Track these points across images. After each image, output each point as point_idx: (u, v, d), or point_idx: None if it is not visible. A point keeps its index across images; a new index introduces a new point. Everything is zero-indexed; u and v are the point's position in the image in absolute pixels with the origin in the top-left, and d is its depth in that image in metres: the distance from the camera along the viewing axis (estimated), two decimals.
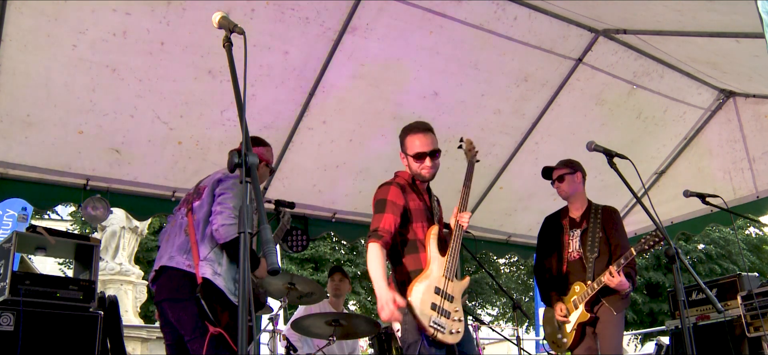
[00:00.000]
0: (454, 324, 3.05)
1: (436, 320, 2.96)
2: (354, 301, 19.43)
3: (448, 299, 3.05)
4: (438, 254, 3.15)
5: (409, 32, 4.55)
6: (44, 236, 4.06)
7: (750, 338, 4.97)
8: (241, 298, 1.69)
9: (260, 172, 3.59)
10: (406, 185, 3.24)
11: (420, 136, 3.34)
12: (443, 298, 3.04)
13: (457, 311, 3.09)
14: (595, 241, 3.91)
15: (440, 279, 3.06)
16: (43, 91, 4.09)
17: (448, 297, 3.05)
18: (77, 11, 3.78)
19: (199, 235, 3.10)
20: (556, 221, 4.20)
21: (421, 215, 3.20)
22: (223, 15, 2.10)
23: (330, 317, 4.27)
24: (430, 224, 3.22)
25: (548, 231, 4.21)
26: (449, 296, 3.06)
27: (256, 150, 3.54)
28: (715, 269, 18.79)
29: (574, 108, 5.57)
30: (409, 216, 3.16)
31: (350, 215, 5.96)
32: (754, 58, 4.48)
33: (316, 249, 18.52)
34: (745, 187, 5.76)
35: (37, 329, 3.67)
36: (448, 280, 3.07)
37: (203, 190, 3.28)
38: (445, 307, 3.03)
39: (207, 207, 3.18)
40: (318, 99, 4.84)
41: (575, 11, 4.64)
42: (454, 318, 3.06)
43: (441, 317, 2.99)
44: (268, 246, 1.70)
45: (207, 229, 3.12)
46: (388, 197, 3.13)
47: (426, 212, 3.25)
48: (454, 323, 3.05)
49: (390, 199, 3.12)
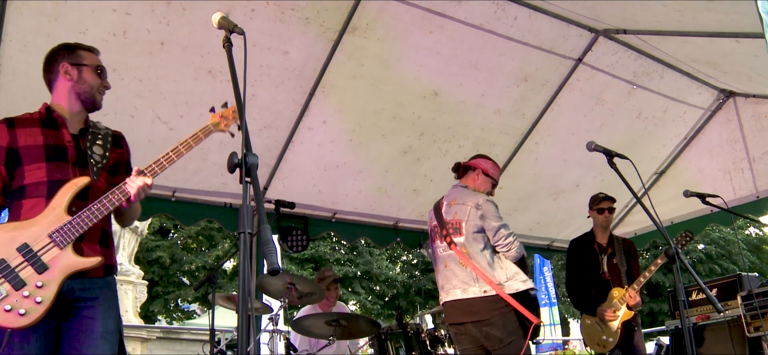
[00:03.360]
0: None
1: None
2: (354, 301, 19.42)
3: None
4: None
5: (409, 32, 4.55)
6: None
7: (750, 338, 4.97)
8: (241, 298, 1.69)
9: (479, 182, 3.96)
10: None
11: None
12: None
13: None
14: (622, 261, 4.66)
15: None
16: (43, 92, 4.07)
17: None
18: (77, 11, 3.78)
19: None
20: (587, 245, 4.81)
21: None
22: (223, 15, 2.10)
23: (330, 317, 4.28)
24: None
25: (580, 253, 4.83)
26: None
27: (480, 163, 3.92)
28: (715, 269, 18.80)
29: (574, 108, 5.57)
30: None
31: (350, 215, 5.96)
32: (754, 58, 4.48)
33: (316, 249, 18.53)
34: (745, 187, 5.76)
35: None
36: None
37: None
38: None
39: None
40: (318, 99, 4.84)
41: (575, 11, 4.64)
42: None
43: None
44: (268, 246, 1.70)
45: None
46: None
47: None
48: None
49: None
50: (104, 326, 2.36)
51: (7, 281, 2.12)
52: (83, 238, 2.32)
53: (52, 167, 2.36)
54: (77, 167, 2.41)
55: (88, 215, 2.27)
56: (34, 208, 2.30)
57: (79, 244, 2.31)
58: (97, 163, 2.47)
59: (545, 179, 6.27)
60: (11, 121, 2.43)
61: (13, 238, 2.18)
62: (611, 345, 4.44)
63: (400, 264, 22.01)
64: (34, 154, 2.37)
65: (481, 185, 3.94)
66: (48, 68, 2.57)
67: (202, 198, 5.21)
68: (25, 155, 2.36)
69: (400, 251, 21.30)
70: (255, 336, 4.46)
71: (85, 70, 2.54)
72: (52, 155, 2.38)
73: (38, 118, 2.47)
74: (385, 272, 19.90)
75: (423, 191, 6.00)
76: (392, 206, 6.06)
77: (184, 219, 5.41)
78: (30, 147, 2.37)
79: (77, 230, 2.25)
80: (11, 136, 2.38)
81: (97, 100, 2.57)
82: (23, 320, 2.11)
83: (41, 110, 2.51)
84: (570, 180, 6.28)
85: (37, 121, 2.46)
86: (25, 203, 2.32)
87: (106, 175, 2.50)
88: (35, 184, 2.34)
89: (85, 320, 2.32)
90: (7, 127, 2.41)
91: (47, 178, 2.34)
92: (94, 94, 2.55)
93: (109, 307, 2.42)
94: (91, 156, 2.47)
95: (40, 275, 2.17)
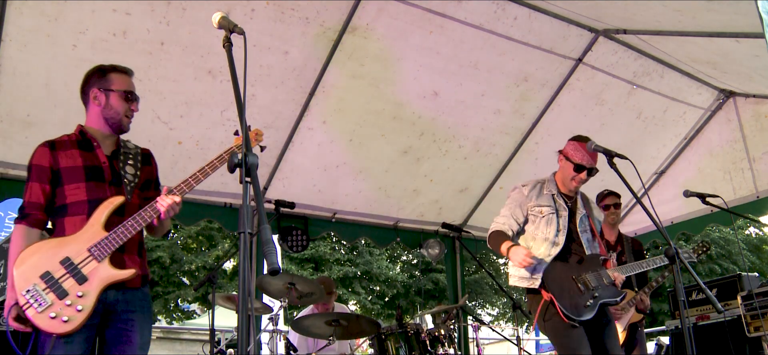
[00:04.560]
0: None
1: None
2: (354, 301, 19.42)
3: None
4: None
5: (409, 32, 4.55)
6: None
7: (750, 338, 4.97)
8: (241, 298, 1.69)
9: (560, 165, 3.66)
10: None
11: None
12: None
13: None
14: (631, 260, 4.55)
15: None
16: (43, 91, 4.10)
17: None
18: (77, 11, 3.79)
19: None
20: None
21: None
22: (223, 15, 2.10)
23: (330, 317, 4.27)
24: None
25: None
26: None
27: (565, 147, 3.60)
28: (715, 269, 18.78)
29: (574, 108, 5.58)
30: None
31: (350, 215, 5.96)
32: (754, 58, 4.48)
33: (316, 249, 18.51)
34: (745, 187, 5.76)
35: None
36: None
37: None
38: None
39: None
40: (318, 99, 4.84)
41: (575, 11, 4.64)
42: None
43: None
44: (268, 246, 1.70)
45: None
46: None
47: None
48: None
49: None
50: (142, 337, 2.57)
51: (52, 291, 2.34)
52: (124, 250, 2.54)
53: (90, 187, 2.56)
54: (113, 186, 2.60)
55: (123, 231, 2.48)
56: (76, 225, 2.50)
57: (120, 255, 2.53)
58: (130, 182, 2.66)
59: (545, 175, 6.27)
60: (52, 144, 2.61)
61: (57, 252, 2.41)
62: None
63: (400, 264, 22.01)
64: (74, 175, 2.56)
65: (561, 170, 3.66)
66: (82, 91, 2.71)
67: (202, 198, 5.21)
68: (65, 176, 2.55)
69: (400, 251, 21.29)
70: (255, 336, 4.46)
71: (112, 95, 2.66)
72: (91, 176, 2.58)
73: (75, 140, 2.65)
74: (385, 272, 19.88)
75: (423, 191, 6.00)
76: (392, 206, 6.06)
77: (184, 219, 5.41)
78: (70, 168, 2.56)
79: (113, 244, 2.46)
80: (53, 157, 2.57)
81: (123, 125, 2.70)
82: (66, 327, 2.33)
83: (76, 132, 2.68)
84: None
85: (74, 143, 2.64)
86: (67, 221, 2.52)
87: (138, 192, 2.68)
88: (76, 203, 2.53)
89: (124, 332, 2.53)
90: (49, 149, 2.59)
91: (87, 197, 2.53)
92: (120, 119, 2.68)
93: (145, 320, 2.62)
94: (124, 176, 2.66)
95: (81, 286, 2.39)
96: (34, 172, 2.55)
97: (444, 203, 6.26)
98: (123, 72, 2.71)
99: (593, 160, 3.50)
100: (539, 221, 3.57)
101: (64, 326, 2.32)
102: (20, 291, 2.33)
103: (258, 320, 5.19)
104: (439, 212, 6.31)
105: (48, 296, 2.33)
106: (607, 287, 3.44)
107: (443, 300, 17.60)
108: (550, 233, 3.50)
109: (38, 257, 2.40)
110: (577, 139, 3.56)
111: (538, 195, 3.64)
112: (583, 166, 3.49)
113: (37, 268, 2.37)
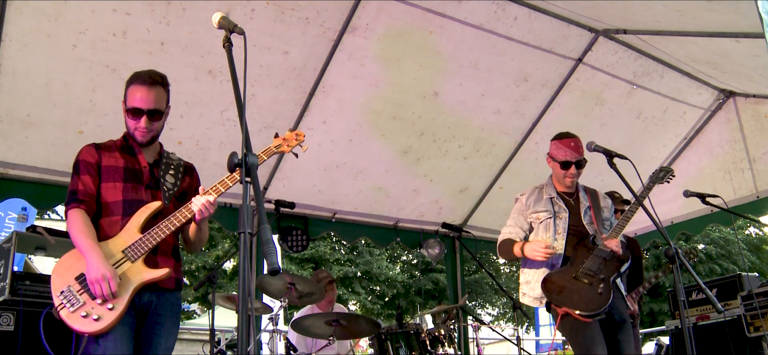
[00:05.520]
0: None
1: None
2: (354, 301, 19.42)
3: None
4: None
5: (409, 32, 4.55)
6: (44, 236, 4.06)
7: (750, 338, 4.97)
8: (241, 298, 1.69)
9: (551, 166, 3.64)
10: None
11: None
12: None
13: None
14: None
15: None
16: (43, 91, 4.09)
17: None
18: (77, 11, 3.78)
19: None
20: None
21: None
22: (223, 15, 2.10)
23: (330, 317, 4.27)
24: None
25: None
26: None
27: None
28: (715, 269, 18.78)
29: (574, 108, 5.57)
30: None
31: (350, 215, 5.96)
32: (754, 58, 4.48)
33: (316, 249, 18.51)
34: (745, 187, 5.76)
35: (37, 329, 3.65)
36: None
37: None
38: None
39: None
40: (318, 99, 4.84)
41: (575, 11, 4.63)
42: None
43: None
44: (268, 246, 1.70)
45: None
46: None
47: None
48: None
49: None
50: (166, 342, 2.60)
51: (86, 292, 2.38)
52: (158, 251, 2.57)
53: (127, 188, 2.60)
54: (150, 190, 2.65)
55: (156, 232, 2.51)
56: (111, 226, 2.55)
57: (154, 257, 2.55)
58: (169, 190, 2.69)
59: (545, 178, 6.26)
60: (97, 146, 2.69)
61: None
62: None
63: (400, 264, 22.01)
64: (113, 174, 2.61)
65: (553, 172, 3.67)
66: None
67: None
68: (105, 174, 2.61)
69: (400, 251, 21.29)
70: (255, 336, 4.46)
71: (125, 112, 2.70)
72: (129, 177, 2.63)
73: (119, 145, 2.71)
74: (385, 272, 19.89)
75: (423, 190, 6.00)
76: (392, 206, 6.06)
77: None
78: (111, 167, 2.62)
79: (147, 245, 2.50)
80: (99, 155, 2.64)
81: (136, 140, 2.69)
82: (98, 325, 2.34)
83: (121, 138, 2.75)
84: None
85: (118, 147, 2.70)
86: (103, 222, 2.56)
87: (176, 202, 2.70)
88: (112, 202, 2.58)
89: (151, 335, 2.55)
90: (95, 149, 2.67)
91: (123, 197, 2.58)
92: (132, 134, 2.69)
93: (173, 325, 2.64)
94: (164, 183, 2.69)
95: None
96: (83, 166, 2.60)
97: (444, 203, 6.26)
98: (138, 83, 2.67)
99: (578, 153, 3.48)
100: (538, 226, 3.57)
101: (95, 325, 2.33)
102: (55, 293, 2.38)
103: (258, 320, 5.19)
104: (439, 212, 6.31)
105: (81, 297, 2.37)
106: (610, 262, 3.36)
107: (443, 300, 17.61)
108: (549, 238, 3.48)
109: (74, 260, 2.45)
110: (558, 138, 3.56)
111: (537, 201, 3.62)
112: (570, 162, 3.48)
113: (73, 270, 2.42)
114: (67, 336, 3.05)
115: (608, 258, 3.36)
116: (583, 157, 3.51)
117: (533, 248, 3.35)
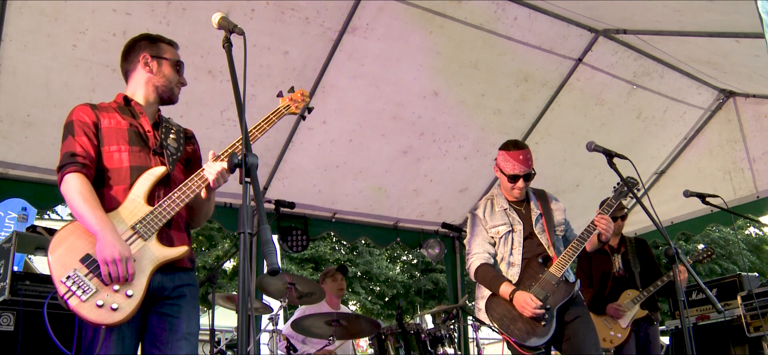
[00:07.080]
0: None
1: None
2: (354, 301, 19.42)
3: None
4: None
5: (409, 32, 4.55)
6: (44, 236, 4.06)
7: (750, 338, 4.97)
8: (241, 298, 1.69)
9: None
10: None
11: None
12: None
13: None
14: (635, 262, 4.73)
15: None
16: (43, 91, 4.09)
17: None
18: (77, 11, 3.79)
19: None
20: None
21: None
22: (223, 15, 2.10)
23: (330, 317, 4.27)
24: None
25: (591, 254, 4.74)
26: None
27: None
28: (715, 269, 18.78)
29: (574, 108, 5.58)
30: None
31: (350, 215, 5.96)
32: (754, 58, 4.48)
33: (316, 249, 18.51)
34: (745, 187, 5.76)
35: (37, 329, 3.66)
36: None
37: None
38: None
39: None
40: (318, 99, 4.84)
41: (575, 11, 4.64)
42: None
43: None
44: (267, 246, 1.69)
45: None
46: None
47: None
48: None
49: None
50: (188, 326, 2.24)
51: (96, 276, 2.01)
52: (171, 225, 2.26)
53: (134, 152, 2.29)
54: (157, 156, 2.35)
55: (169, 204, 2.19)
56: (116, 197, 2.21)
57: (168, 232, 2.24)
58: (173, 154, 2.40)
59: (545, 179, 6.25)
60: (93, 105, 2.36)
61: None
62: (619, 341, 4.49)
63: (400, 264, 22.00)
64: (117, 136, 2.29)
65: (500, 182, 3.47)
66: (126, 57, 2.51)
67: None
68: (106, 136, 2.28)
69: (400, 250, 21.29)
70: (255, 336, 4.46)
71: (164, 63, 2.47)
72: (135, 140, 2.32)
73: (115, 106, 2.41)
74: (385, 272, 19.89)
75: (423, 191, 6.00)
76: (392, 206, 6.06)
77: None
78: (112, 129, 2.30)
79: (161, 220, 2.17)
80: (96, 115, 2.31)
81: (174, 94, 2.51)
82: (117, 316, 1.99)
83: (118, 99, 2.46)
84: (570, 180, 6.28)
85: (115, 109, 2.39)
86: (105, 192, 2.21)
87: (182, 167, 2.44)
88: (117, 170, 2.25)
89: (168, 319, 2.21)
90: (91, 108, 2.34)
91: (130, 163, 2.26)
92: (172, 88, 2.49)
93: (193, 307, 2.30)
94: (167, 147, 2.40)
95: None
96: (77, 126, 2.24)
97: (444, 203, 6.26)
98: (171, 44, 2.54)
99: (527, 166, 3.29)
100: (499, 241, 3.37)
101: (114, 315, 1.97)
102: (59, 279, 1.98)
103: (258, 320, 5.19)
104: (439, 212, 6.31)
105: (92, 282, 1.99)
106: (558, 288, 3.15)
107: (443, 300, 17.60)
108: (506, 253, 3.32)
109: (74, 239, 2.05)
110: (505, 148, 3.37)
111: (492, 214, 3.41)
112: (517, 176, 3.30)
113: (76, 251, 2.03)
114: (68, 329, 2.65)
115: (557, 283, 3.16)
116: (532, 170, 3.33)
117: (522, 305, 3.09)
